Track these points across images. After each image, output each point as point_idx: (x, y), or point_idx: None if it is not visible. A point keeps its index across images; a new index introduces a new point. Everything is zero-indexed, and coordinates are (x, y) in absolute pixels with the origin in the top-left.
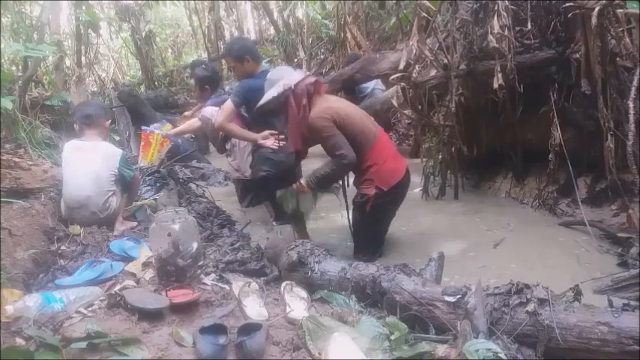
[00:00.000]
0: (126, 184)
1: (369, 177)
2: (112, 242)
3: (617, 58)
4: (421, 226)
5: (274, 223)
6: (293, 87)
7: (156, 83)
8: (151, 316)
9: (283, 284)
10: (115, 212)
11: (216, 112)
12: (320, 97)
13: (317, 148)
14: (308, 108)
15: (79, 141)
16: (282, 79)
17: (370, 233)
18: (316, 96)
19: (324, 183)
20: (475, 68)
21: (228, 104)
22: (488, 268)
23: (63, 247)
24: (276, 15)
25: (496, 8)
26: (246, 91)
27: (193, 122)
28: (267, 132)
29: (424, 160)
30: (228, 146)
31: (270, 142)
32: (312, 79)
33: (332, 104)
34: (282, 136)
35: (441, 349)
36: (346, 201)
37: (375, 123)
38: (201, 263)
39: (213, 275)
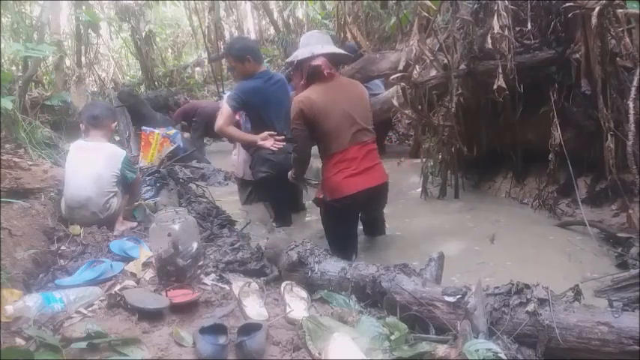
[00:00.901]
0: (127, 186)
1: (321, 182)
2: (112, 242)
3: (617, 58)
4: (420, 226)
5: (274, 223)
6: (296, 62)
7: (156, 83)
8: (151, 316)
9: (283, 284)
10: (116, 213)
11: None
12: (320, 84)
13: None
14: (304, 88)
15: (83, 141)
16: (302, 47)
17: (334, 237)
18: (320, 80)
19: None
20: (475, 68)
21: (227, 108)
22: (486, 264)
23: (63, 247)
24: (276, 15)
25: (496, 8)
26: (243, 93)
27: None
28: (266, 133)
29: (424, 160)
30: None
31: (270, 144)
32: (320, 60)
33: (315, 96)
34: (281, 137)
35: (441, 349)
36: None
37: (364, 137)
38: (201, 263)
39: (213, 275)
